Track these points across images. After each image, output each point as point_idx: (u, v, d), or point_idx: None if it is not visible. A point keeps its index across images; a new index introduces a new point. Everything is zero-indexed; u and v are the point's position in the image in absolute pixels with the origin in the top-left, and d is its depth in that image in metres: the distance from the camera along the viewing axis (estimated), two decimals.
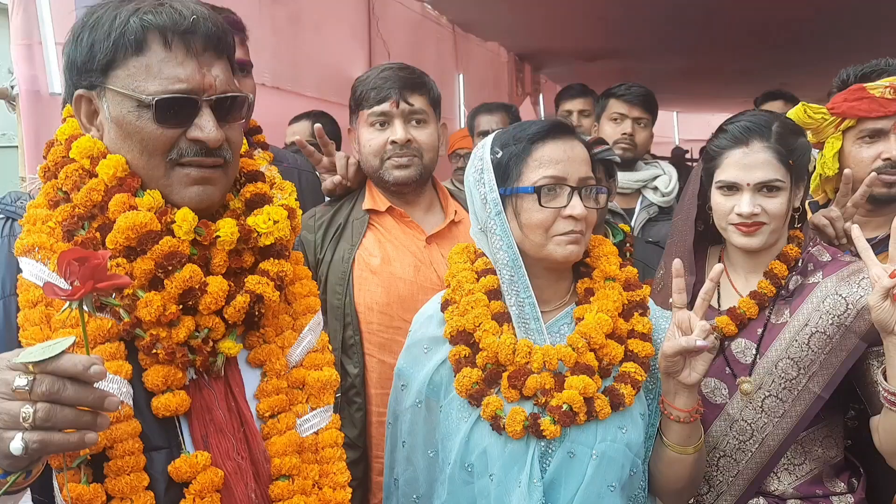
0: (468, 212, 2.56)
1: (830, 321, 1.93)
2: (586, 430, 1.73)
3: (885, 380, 1.73)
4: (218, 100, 1.40)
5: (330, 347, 1.65)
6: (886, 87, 2.27)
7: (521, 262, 1.81)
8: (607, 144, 2.94)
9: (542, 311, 1.83)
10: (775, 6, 6.52)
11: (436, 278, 2.44)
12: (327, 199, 2.70)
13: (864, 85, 2.33)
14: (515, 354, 1.76)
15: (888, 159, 2.30)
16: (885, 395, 1.74)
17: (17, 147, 3.16)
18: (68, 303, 1.13)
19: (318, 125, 2.63)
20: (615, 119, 3.84)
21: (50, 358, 1.06)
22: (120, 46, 1.35)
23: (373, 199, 2.54)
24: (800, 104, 2.41)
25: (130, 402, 1.33)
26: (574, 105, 5.03)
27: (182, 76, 1.36)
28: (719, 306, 2.09)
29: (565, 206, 1.76)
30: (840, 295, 1.94)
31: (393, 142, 2.44)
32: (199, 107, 1.38)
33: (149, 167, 1.39)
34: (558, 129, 1.81)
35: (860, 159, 2.37)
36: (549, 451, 1.74)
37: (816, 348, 1.93)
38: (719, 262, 2.15)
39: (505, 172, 1.82)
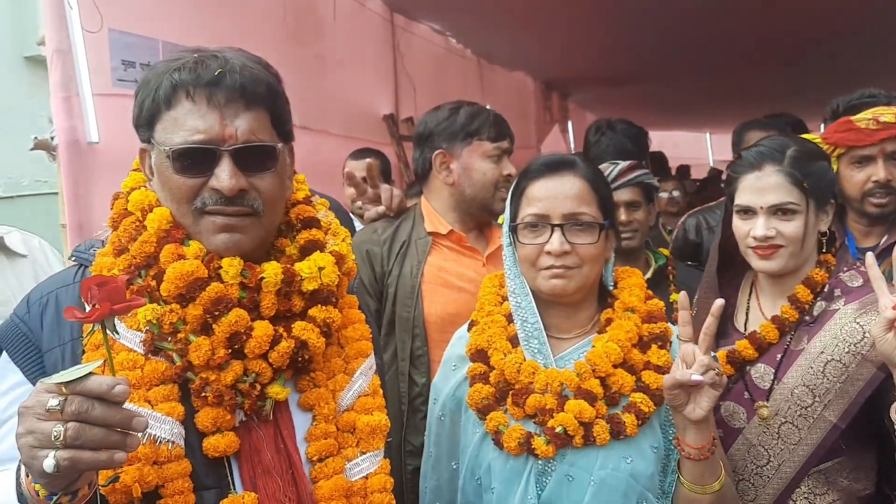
0: None
1: (846, 349, 1.89)
2: (586, 455, 1.76)
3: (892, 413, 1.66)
4: (239, 150, 1.41)
5: (381, 392, 1.64)
6: (870, 119, 2.52)
7: (528, 290, 1.90)
8: (643, 169, 2.95)
9: (561, 339, 1.91)
10: (802, 25, 6.48)
11: None
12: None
13: (851, 118, 2.57)
14: (520, 373, 1.82)
15: (877, 181, 2.56)
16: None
17: (58, 193, 3.24)
18: (93, 325, 1.17)
19: (370, 160, 2.88)
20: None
21: (77, 378, 1.10)
22: (158, 103, 1.43)
23: (432, 223, 2.72)
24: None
25: (182, 443, 1.37)
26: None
27: (201, 127, 1.40)
28: (745, 330, 2.09)
29: (546, 242, 1.82)
30: (858, 323, 1.90)
31: (509, 176, 2.66)
32: (218, 157, 1.41)
33: (179, 215, 1.45)
34: (551, 167, 1.89)
35: (854, 182, 2.63)
36: (548, 470, 1.78)
37: (832, 376, 1.90)
38: (751, 287, 2.16)
39: (512, 207, 1.93)
